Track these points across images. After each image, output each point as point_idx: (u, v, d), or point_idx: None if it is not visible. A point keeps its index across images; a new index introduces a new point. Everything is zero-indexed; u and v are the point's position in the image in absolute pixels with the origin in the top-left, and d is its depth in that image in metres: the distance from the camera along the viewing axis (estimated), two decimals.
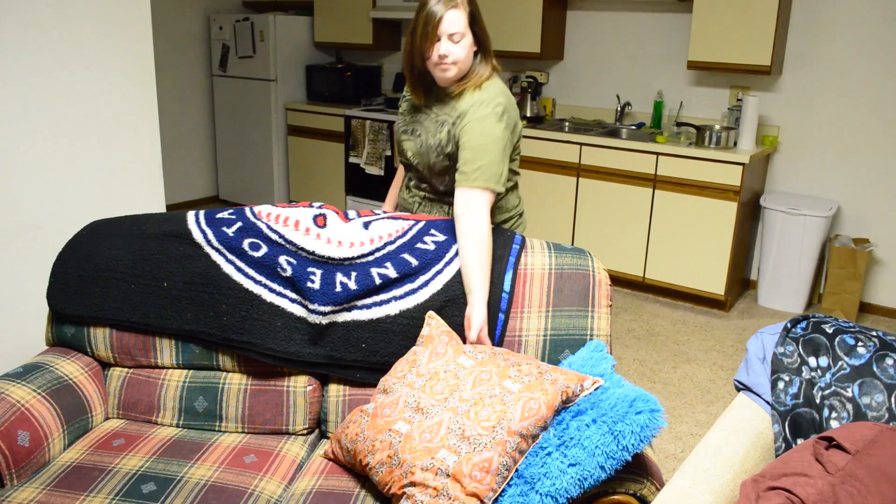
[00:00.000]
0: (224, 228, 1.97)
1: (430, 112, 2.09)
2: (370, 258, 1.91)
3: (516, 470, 1.55)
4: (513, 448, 1.50)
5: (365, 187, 5.58)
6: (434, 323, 1.82)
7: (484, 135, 1.93)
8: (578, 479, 1.45)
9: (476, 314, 1.80)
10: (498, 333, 1.85)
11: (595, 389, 1.60)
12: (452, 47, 1.95)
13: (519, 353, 1.85)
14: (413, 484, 1.50)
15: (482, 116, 1.94)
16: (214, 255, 1.94)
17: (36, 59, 2.52)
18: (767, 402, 1.67)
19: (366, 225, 1.98)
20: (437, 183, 2.12)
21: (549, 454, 1.51)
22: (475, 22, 1.99)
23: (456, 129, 1.98)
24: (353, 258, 1.91)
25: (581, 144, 4.50)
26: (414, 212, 2.20)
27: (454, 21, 1.93)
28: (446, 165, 2.05)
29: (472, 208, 1.87)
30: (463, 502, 1.44)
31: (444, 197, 2.14)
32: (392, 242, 1.93)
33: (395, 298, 1.87)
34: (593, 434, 1.47)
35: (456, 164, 1.97)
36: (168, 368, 2.00)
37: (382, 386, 1.75)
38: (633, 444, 1.44)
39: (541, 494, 1.47)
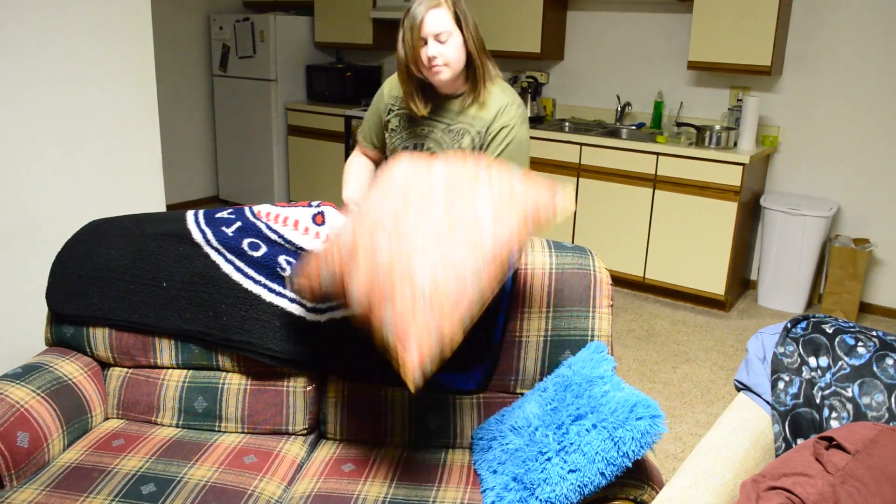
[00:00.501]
0: (223, 228, 1.97)
1: (438, 123, 2.03)
2: None
3: (516, 475, 1.54)
4: (485, 254, 1.46)
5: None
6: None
7: (516, 143, 1.95)
8: (578, 486, 1.45)
9: None
10: (498, 333, 1.85)
11: (565, 202, 1.56)
12: (441, 48, 1.91)
13: (519, 353, 1.85)
14: (392, 287, 1.41)
15: (512, 125, 1.94)
16: (214, 255, 1.94)
17: (36, 60, 2.52)
18: (767, 402, 1.67)
19: None
20: None
21: (548, 459, 1.51)
22: (462, 20, 1.93)
23: (483, 139, 1.96)
24: None
25: (581, 144, 4.50)
26: None
27: (438, 21, 1.89)
28: None
29: None
30: (439, 311, 1.39)
31: None
32: None
33: None
34: (593, 440, 1.46)
35: None
36: (167, 368, 2.00)
37: (359, 210, 1.61)
38: (633, 451, 1.43)
39: (541, 500, 1.47)
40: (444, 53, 1.92)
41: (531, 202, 1.54)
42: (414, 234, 1.47)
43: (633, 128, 4.76)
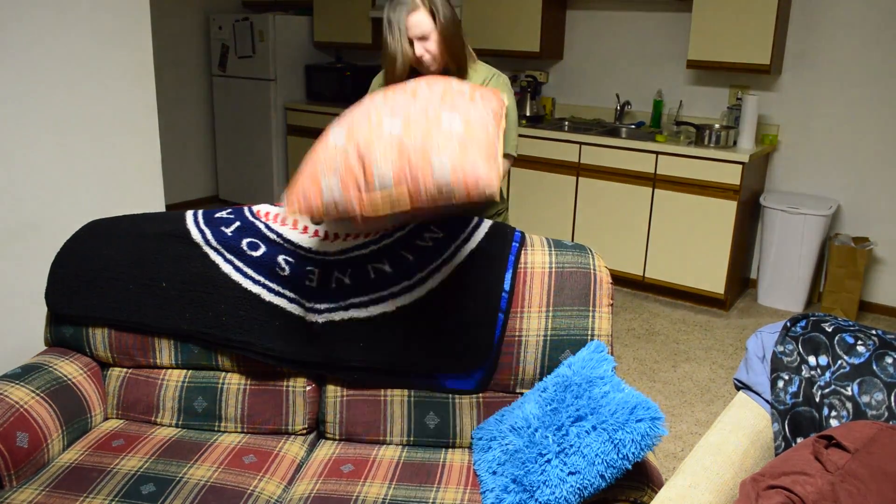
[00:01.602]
0: (223, 228, 1.97)
1: None
2: (365, 251, 1.90)
3: (516, 477, 1.54)
4: (493, 114, 1.63)
5: None
6: None
7: (511, 108, 2.14)
8: (578, 488, 1.44)
9: None
10: (498, 333, 1.85)
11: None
12: (426, 46, 2.10)
13: (519, 353, 1.84)
14: (437, 142, 1.49)
15: (501, 89, 2.14)
16: (213, 255, 1.94)
17: (35, 59, 2.52)
18: (767, 401, 1.67)
19: None
20: None
21: (548, 461, 1.51)
22: (436, 15, 2.09)
23: None
24: (348, 250, 1.89)
25: (581, 144, 4.50)
26: None
27: (418, 24, 2.07)
28: None
29: None
30: (485, 141, 1.53)
31: None
32: (389, 236, 1.92)
33: (393, 295, 1.86)
34: (593, 442, 1.46)
35: None
36: (167, 368, 2.00)
37: (336, 122, 1.67)
38: (633, 453, 1.42)
39: (540, 503, 1.47)
40: (430, 50, 2.12)
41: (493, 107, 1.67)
42: (418, 105, 1.57)
43: (633, 127, 4.76)
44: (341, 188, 1.54)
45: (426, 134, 1.50)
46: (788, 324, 1.72)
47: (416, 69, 2.18)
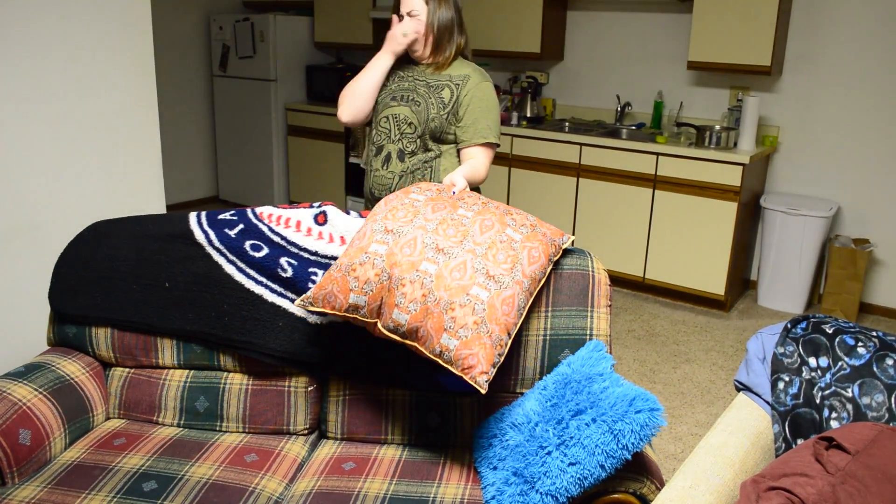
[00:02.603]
0: (226, 230, 1.97)
1: (419, 81, 2.38)
2: None
3: (516, 470, 1.55)
4: (526, 288, 1.70)
5: None
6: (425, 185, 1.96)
7: (489, 97, 2.34)
8: (578, 478, 1.46)
9: (458, 178, 2.11)
10: None
11: (570, 243, 1.93)
12: (415, 24, 2.31)
13: (519, 353, 1.85)
14: (454, 320, 1.60)
15: (484, 83, 2.33)
16: (216, 256, 1.95)
17: (37, 61, 2.52)
18: (767, 403, 1.67)
19: None
20: (432, 144, 2.37)
21: (549, 453, 1.52)
22: (430, 3, 2.31)
23: (460, 90, 2.32)
24: None
25: (581, 145, 4.50)
26: (392, 188, 2.37)
27: (411, 1, 2.31)
28: (444, 122, 2.34)
29: (479, 158, 2.30)
30: (498, 334, 1.61)
31: (430, 162, 2.39)
32: None
33: None
34: (593, 433, 1.47)
35: (455, 122, 2.32)
36: (169, 368, 2.00)
37: (383, 227, 1.74)
38: (632, 443, 1.44)
39: (541, 493, 1.48)
40: (417, 30, 2.32)
41: (549, 234, 1.83)
42: (458, 257, 1.67)
43: (633, 128, 4.77)
44: (367, 309, 1.69)
45: (451, 299, 1.62)
46: (789, 325, 1.73)
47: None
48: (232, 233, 1.96)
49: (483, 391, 1.59)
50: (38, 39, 2.51)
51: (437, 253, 1.67)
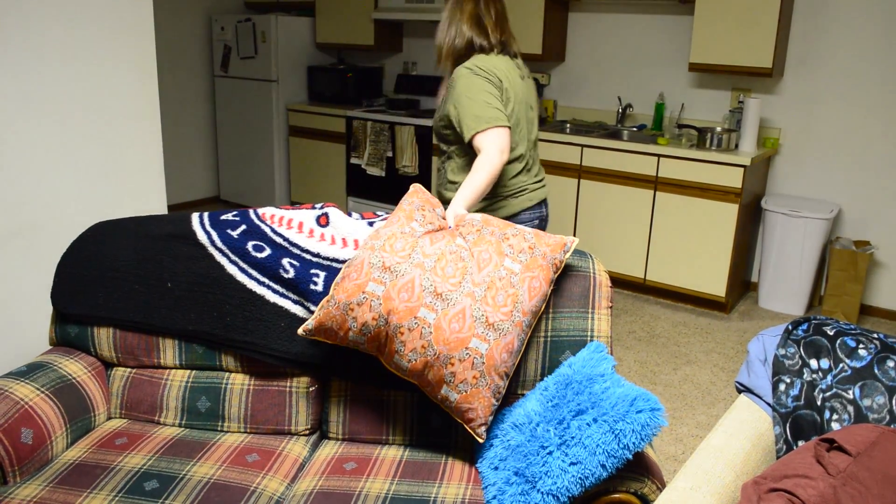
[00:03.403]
0: (228, 231, 1.98)
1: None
2: None
3: (517, 469, 1.55)
4: (527, 325, 1.73)
5: (366, 188, 5.59)
6: (420, 195, 1.96)
7: (461, 88, 2.34)
8: (579, 478, 1.46)
9: (449, 218, 2.10)
10: None
11: (573, 249, 1.88)
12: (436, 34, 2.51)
13: (519, 353, 1.85)
14: (453, 374, 1.65)
15: (459, 76, 2.37)
16: (218, 256, 1.95)
17: (39, 61, 2.53)
18: (768, 404, 1.67)
19: (370, 223, 1.99)
20: (443, 145, 2.52)
21: (550, 453, 1.52)
22: (442, 18, 2.47)
23: (451, 91, 2.40)
24: None
25: (582, 146, 4.51)
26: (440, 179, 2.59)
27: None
28: (439, 125, 2.49)
29: (480, 151, 2.30)
30: (496, 382, 1.67)
31: (445, 162, 2.54)
32: None
33: None
34: (594, 433, 1.48)
35: (454, 126, 2.39)
36: (171, 368, 2.01)
37: (381, 261, 1.71)
38: (633, 443, 1.45)
39: (542, 493, 1.48)
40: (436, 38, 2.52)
41: (548, 254, 1.80)
42: (457, 304, 1.67)
43: (635, 129, 4.77)
44: (367, 345, 1.75)
45: (450, 353, 1.65)
46: (790, 327, 1.73)
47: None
48: (234, 233, 1.97)
49: (482, 441, 1.71)
50: (39, 40, 2.51)
51: (436, 299, 1.67)
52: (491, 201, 2.46)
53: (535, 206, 2.54)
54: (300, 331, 1.77)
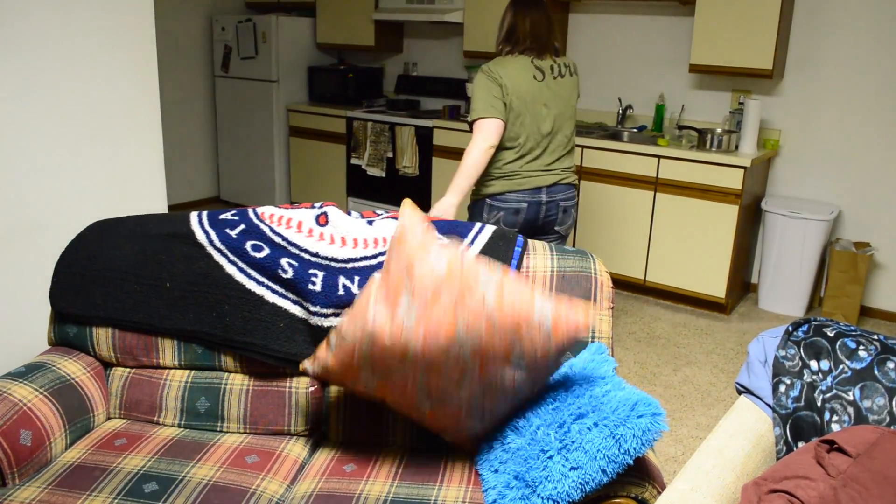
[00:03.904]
0: (227, 230, 1.97)
1: None
2: (373, 261, 1.91)
3: (517, 473, 1.55)
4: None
5: (366, 189, 5.59)
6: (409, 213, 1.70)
7: (471, 88, 2.85)
8: (580, 483, 1.45)
9: (437, 205, 2.68)
10: None
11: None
12: None
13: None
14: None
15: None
16: (217, 256, 1.95)
17: (39, 61, 2.52)
18: (769, 406, 1.67)
19: (370, 222, 1.99)
20: None
21: (550, 457, 1.51)
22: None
23: None
24: (356, 259, 1.91)
25: (582, 147, 4.51)
26: None
27: None
28: None
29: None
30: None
31: None
32: None
33: None
34: (595, 437, 1.47)
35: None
36: (170, 369, 2.00)
37: (370, 364, 1.61)
38: (634, 448, 1.44)
39: (542, 498, 1.47)
40: None
41: (549, 314, 1.57)
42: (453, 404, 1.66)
43: (635, 130, 4.77)
44: (376, 386, 1.67)
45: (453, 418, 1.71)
46: (790, 328, 1.73)
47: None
48: (233, 233, 1.96)
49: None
50: (40, 40, 2.51)
51: (427, 398, 1.68)
52: (482, 179, 2.87)
53: (528, 190, 2.89)
54: (301, 366, 1.77)
